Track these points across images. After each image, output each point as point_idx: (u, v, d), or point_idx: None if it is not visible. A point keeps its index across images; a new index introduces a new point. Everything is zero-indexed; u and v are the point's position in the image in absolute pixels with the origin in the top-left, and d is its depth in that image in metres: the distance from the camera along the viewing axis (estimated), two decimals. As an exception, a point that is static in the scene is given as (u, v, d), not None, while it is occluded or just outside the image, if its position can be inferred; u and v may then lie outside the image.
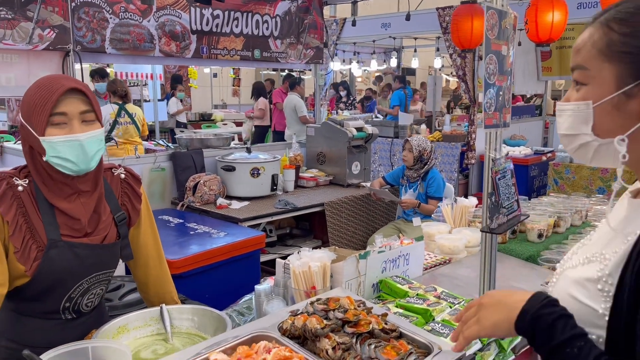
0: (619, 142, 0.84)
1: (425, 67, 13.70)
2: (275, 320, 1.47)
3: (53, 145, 1.37)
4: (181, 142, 4.45)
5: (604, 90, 0.85)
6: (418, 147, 4.07)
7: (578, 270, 0.90)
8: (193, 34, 4.02)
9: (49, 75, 1.46)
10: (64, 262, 1.44)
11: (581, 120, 0.88)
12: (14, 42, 3.11)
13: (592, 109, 0.86)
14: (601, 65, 0.85)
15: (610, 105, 0.85)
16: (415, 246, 2.09)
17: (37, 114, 1.37)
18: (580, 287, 0.87)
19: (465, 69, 6.69)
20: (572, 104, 0.89)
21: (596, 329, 0.84)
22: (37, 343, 1.49)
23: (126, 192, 1.61)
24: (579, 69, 0.89)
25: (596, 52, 0.86)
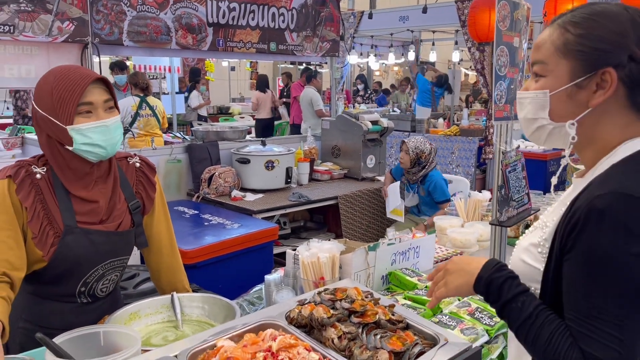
0: (570, 126, 1.00)
1: (444, 61, 13.57)
2: (283, 309, 1.49)
3: (83, 133, 1.42)
4: (197, 134, 4.49)
5: (559, 81, 1.00)
6: (415, 150, 3.88)
7: (526, 237, 1.10)
8: (209, 26, 4.05)
9: (66, 66, 1.49)
10: (80, 248, 1.48)
11: (539, 106, 1.03)
12: (34, 34, 3.16)
13: (548, 97, 1.01)
14: (558, 60, 1.00)
15: (564, 95, 1.00)
16: (426, 239, 2.09)
17: (64, 105, 1.41)
18: (528, 252, 1.06)
19: (484, 63, 6.62)
20: (532, 92, 1.04)
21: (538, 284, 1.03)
22: (54, 325, 1.53)
23: (141, 181, 1.65)
24: (539, 63, 1.04)
25: (554, 50, 1.01)
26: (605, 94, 0.97)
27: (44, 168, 1.49)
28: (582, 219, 0.90)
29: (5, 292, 1.34)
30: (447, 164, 7.16)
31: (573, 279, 0.93)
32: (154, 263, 1.75)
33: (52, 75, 1.45)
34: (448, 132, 7.35)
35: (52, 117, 1.42)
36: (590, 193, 0.92)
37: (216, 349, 1.27)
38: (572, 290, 0.94)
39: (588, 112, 0.99)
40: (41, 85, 1.46)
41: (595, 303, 0.90)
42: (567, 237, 0.93)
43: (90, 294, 1.59)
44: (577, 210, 0.92)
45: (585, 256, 0.91)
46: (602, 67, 0.96)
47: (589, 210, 0.90)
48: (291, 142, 4.78)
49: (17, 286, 1.41)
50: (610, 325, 0.89)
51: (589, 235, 0.90)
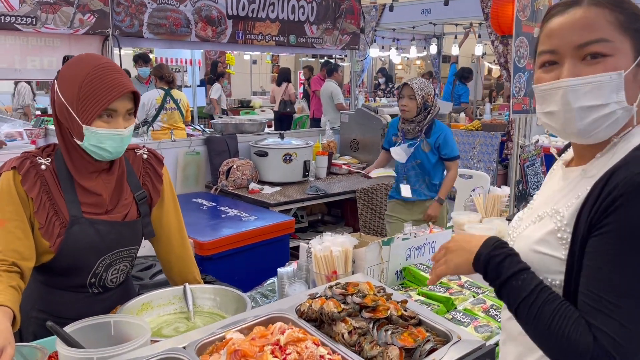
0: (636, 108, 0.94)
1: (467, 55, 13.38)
2: (294, 303, 1.47)
3: (97, 136, 1.42)
4: (216, 126, 4.50)
5: (628, 60, 0.94)
6: (421, 92, 3.21)
7: (532, 229, 1.04)
8: (229, 19, 4.04)
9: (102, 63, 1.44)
10: (86, 238, 1.49)
11: (611, 89, 0.93)
12: (56, 27, 3.20)
13: (623, 77, 0.93)
14: (621, 38, 0.94)
15: (631, 75, 0.94)
16: (442, 234, 2.05)
17: (89, 106, 1.39)
18: (542, 241, 0.99)
19: (507, 56, 6.49)
20: (603, 74, 0.93)
21: (559, 275, 0.96)
22: (66, 314, 1.54)
23: (147, 172, 1.65)
24: (600, 42, 0.94)
25: (614, 27, 0.94)
26: None
27: (49, 159, 1.50)
28: (621, 195, 0.86)
29: (15, 282, 1.35)
30: (468, 159, 7.06)
31: (602, 252, 0.88)
32: (164, 254, 1.76)
33: (87, 68, 1.41)
34: (470, 126, 7.24)
35: (73, 111, 1.41)
36: (626, 172, 0.87)
37: (225, 341, 1.26)
38: (597, 266, 0.88)
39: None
40: (71, 74, 1.43)
41: (622, 279, 0.85)
42: (600, 216, 0.88)
43: (101, 285, 1.60)
44: (613, 189, 0.87)
45: (623, 231, 0.85)
46: None
47: (631, 186, 0.85)
48: (310, 136, 4.77)
49: (27, 276, 1.43)
50: (630, 304, 0.84)
51: (630, 210, 0.85)
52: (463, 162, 7.09)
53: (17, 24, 3.06)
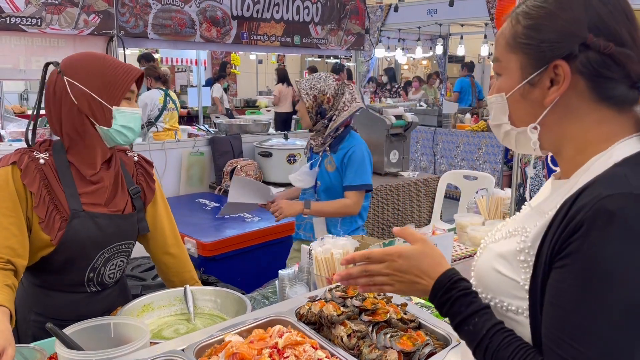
0: (531, 130, 0.89)
1: (473, 55, 13.35)
2: (294, 305, 1.47)
3: (125, 115, 1.53)
4: (220, 127, 4.51)
5: (513, 80, 0.90)
6: (311, 92, 2.42)
7: (500, 244, 0.95)
8: (234, 19, 4.05)
9: (106, 55, 1.59)
10: (87, 231, 1.51)
11: (501, 111, 0.94)
12: (61, 27, 3.21)
13: (505, 100, 0.92)
14: (509, 56, 0.91)
15: (518, 95, 0.90)
16: (444, 237, 2.04)
17: (117, 88, 1.51)
18: (503, 260, 0.91)
19: (513, 57, 6.47)
20: (493, 96, 0.95)
21: (516, 300, 0.88)
22: (65, 316, 1.55)
23: (140, 172, 1.72)
24: (495, 61, 0.95)
25: (505, 44, 0.91)
26: (559, 90, 0.86)
27: (47, 153, 1.53)
28: (587, 221, 0.76)
29: (10, 280, 1.37)
30: (474, 160, 7.05)
31: (562, 289, 0.78)
32: (160, 255, 1.79)
33: (100, 59, 1.54)
34: (475, 127, 7.22)
35: (99, 97, 1.49)
36: (594, 193, 0.78)
37: (223, 343, 1.26)
38: (557, 302, 0.79)
39: (548, 112, 0.88)
40: (86, 66, 1.51)
41: (583, 321, 0.75)
42: (563, 242, 0.79)
43: (99, 282, 1.62)
44: (578, 211, 0.78)
45: (586, 263, 0.76)
46: (552, 60, 0.85)
47: (597, 211, 0.75)
48: (314, 136, 4.76)
49: (21, 273, 1.45)
50: (595, 350, 0.74)
51: (594, 240, 0.75)
52: (469, 163, 7.07)
53: (22, 24, 3.08)
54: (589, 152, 0.87)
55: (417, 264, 0.98)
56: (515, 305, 0.88)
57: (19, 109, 8.55)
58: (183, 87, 10.29)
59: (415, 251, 0.99)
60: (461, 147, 7.17)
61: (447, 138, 7.35)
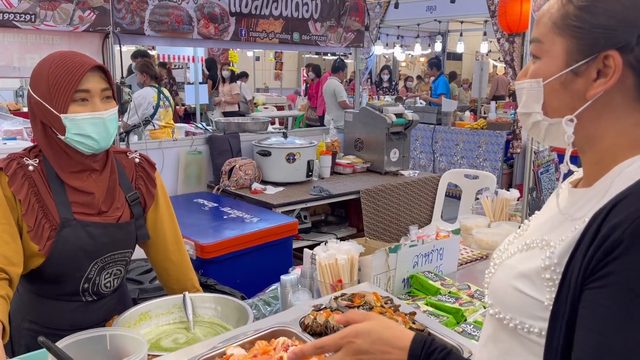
0: (567, 123, 0.81)
1: (471, 52, 13.28)
2: (297, 315, 1.42)
3: (76, 123, 1.37)
4: (218, 125, 4.44)
5: (554, 66, 0.82)
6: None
7: (517, 258, 0.87)
8: (232, 16, 3.98)
9: (64, 52, 1.44)
10: (78, 240, 1.44)
11: (533, 98, 0.85)
12: (55, 24, 3.14)
13: (542, 87, 0.83)
14: (554, 38, 0.82)
15: (558, 83, 0.82)
16: (450, 240, 1.99)
17: (61, 91, 1.36)
18: (524, 278, 0.83)
19: (513, 54, 6.42)
20: (526, 81, 0.86)
21: (540, 321, 0.80)
22: (59, 325, 1.49)
23: (141, 176, 1.62)
24: (535, 41, 0.85)
25: (551, 25, 0.82)
26: (606, 84, 0.77)
27: (37, 160, 1.45)
28: (626, 240, 0.68)
29: (4, 291, 1.30)
30: (473, 158, 7.00)
31: (600, 313, 0.70)
32: (160, 261, 1.71)
33: (50, 60, 1.40)
34: (475, 125, 7.17)
35: (47, 104, 1.38)
36: (631, 208, 0.70)
37: (225, 357, 1.20)
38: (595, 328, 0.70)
39: (587, 106, 0.79)
40: (37, 70, 1.41)
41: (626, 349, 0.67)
42: (598, 262, 0.70)
43: (95, 291, 1.55)
44: (614, 228, 0.69)
45: (627, 285, 0.67)
46: (605, 49, 0.76)
47: (637, 229, 0.67)
48: (313, 135, 4.70)
49: (16, 282, 1.37)
50: None
51: (634, 259, 0.67)
52: (469, 161, 7.02)
53: (15, 21, 3.00)
54: (619, 157, 0.80)
55: (379, 338, 0.87)
56: (539, 328, 0.81)
57: (14, 106, 8.45)
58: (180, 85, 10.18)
59: (373, 325, 0.89)
60: (461, 145, 7.12)
61: (447, 136, 7.30)
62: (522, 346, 0.83)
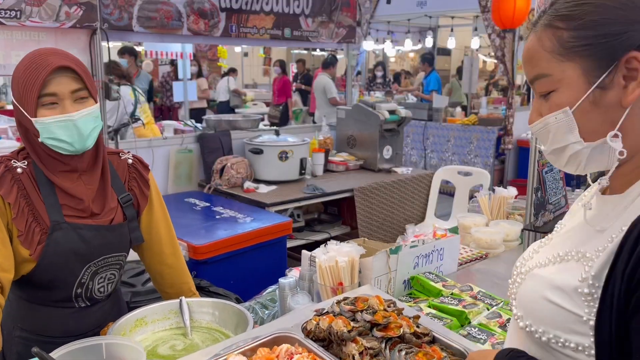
0: (612, 139, 0.77)
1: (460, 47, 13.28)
2: (299, 320, 1.38)
3: (46, 127, 1.33)
4: (209, 123, 4.38)
5: (575, 91, 0.79)
6: None
7: (550, 270, 0.84)
8: (222, 11, 3.91)
9: (38, 50, 1.38)
10: (69, 243, 1.39)
11: (564, 130, 0.81)
12: (41, 20, 3.06)
13: (571, 115, 0.80)
14: (562, 66, 0.80)
15: (588, 104, 0.79)
16: (450, 240, 1.96)
17: (27, 95, 1.31)
18: (559, 291, 0.80)
19: (505, 50, 6.41)
20: (550, 116, 0.82)
21: (576, 335, 0.78)
22: (52, 332, 1.45)
23: (134, 177, 1.57)
24: (540, 78, 0.83)
25: (550, 57, 0.81)
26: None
27: (25, 162, 1.39)
28: None
29: None
30: (465, 154, 7.00)
31: None
32: (155, 264, 1.65)
33: (22, 61, 1.35)
34: (466, 121, 7.17)
35: (21, 107, 1.34)
36: None
37: (226, 366, 1.16)
38: None
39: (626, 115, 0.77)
40: (14, 72, 1.36)
41: None
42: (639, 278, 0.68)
43: (88, 297, 1.49)
44: None
45: None
46: (623, 54, 0.75)
47: None
48: (305, 132, 4.66)
49: (7, 289, 1.32)
50: None
51: None
52: (460, 158, 7.02)
53: (0, 17, 2.92)
54: None
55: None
56: (575, 342, 0.78)
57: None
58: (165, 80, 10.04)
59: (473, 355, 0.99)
60: (452, 142, 7.12)
61: (438, 132, 7.29)
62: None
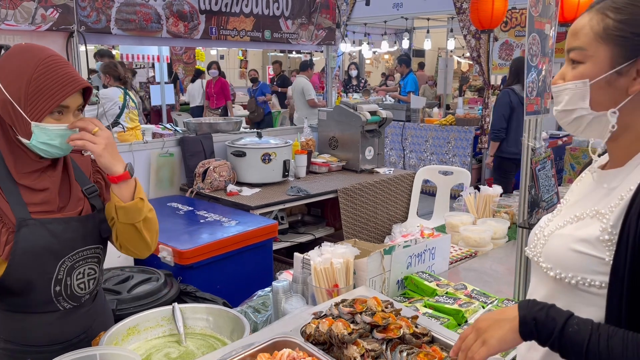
0: (611, 115, 0.98)
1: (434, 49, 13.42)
2: (298, 324, 1.36)
3: (46, 132, 1.33)
4: (190, 126, 4.32)
5: (599, 68, 0.98)
6: None
7: (570, 228, 1.03)
8: (202, 14, 3.87)
9: (51, 56, 1.34)
10: (39, 240, 1.35)
11: (579, 96, 1.00)
12: (16, 23, 2.98)
13: (589, 86, 0.98)
14: (598, 46, 0.98)
15: (603, 82, 0.98)
16: (441, 239, 1.97)
17: (41, 102, 1.31)
18: (583, 242, 0.98)
19: (480, 51, 6.49)
20: (571, 83, 1.01)
21: (600, 275, 0.96)
22: (36, 341, 1.41)
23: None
24: (577, 49, 1.01)
25: (594, 35, 0.98)
26: None
27: None
28: None
29: None
30: (443, 154, 7.06)
31: None
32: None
33: (34, 61, 1.31)
34: (444, 121, 7.24)
35: (19, 106, 1.30)
36: None
37: (228, 373, 1.14)
38: None
39: (628, 100, 0.97)
40: (16, 67, 1.31)
41: None
42: None
43: (69, 295, 1.44)
44: None
45: None
46: None
47: None
48: (287, 134, 4.63)
49: None
50: None
51: None
52: (438, 157, 7.08)
53: (-27, 20, 2.84)
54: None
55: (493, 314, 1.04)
56: (599, 281, 0.96)
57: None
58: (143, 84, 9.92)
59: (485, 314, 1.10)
60: (430, 142, 7.17)
61: (416, 132, 7.34)
62: (582, 300, 0.99)
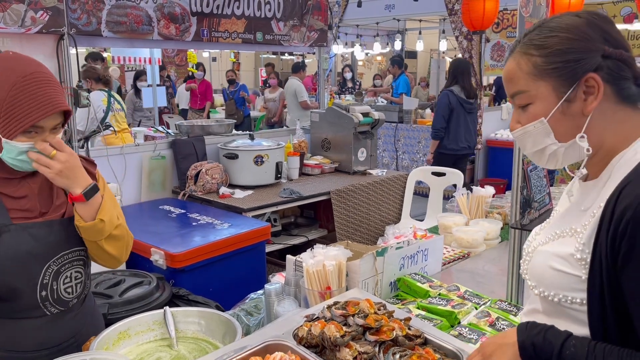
0: (580, 139, 1.00)
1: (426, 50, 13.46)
2: (290, 327, 1.35)
3: (13, 150, 1.32)
4: (181, 128, 4.31)
5: (548, 102, 1.00)
6: None
7: (550, 245, 1.05)
8: (193, 15, 3.86)
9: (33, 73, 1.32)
10: (22, 245, 1.34)
11: (543, 134, 1.02)
12: (6, 25, 2.95)
13: (547, 123, 1.01)
14: (537, 84, 1.00)
15: (558, 114, 1.00)
16: (434, 240, 1.97)
17: (13, 121, 1.29)
18: (561, 259, 1.01)
19: (472, 52, 6.51)
20: (529, 125, 1.03)
21: (580, 292, 0.98)
22: (24, 346, 1.39)
23: None
24: (519, 94, 1.03)
25: (528, 76, 1.01)
26: (597, 98, 0.97)
27: None
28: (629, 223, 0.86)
29: None
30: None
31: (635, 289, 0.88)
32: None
33: (14, 77, 1.29)
34: (436, 122, 7.24)
35: None
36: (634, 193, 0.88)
37: (220, 377, 1.13)
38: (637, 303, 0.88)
39: (588, 120, 0.99)
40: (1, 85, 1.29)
41: None
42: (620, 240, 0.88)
43: (56, 299, 1.42)
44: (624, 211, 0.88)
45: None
46: (583, 75, 0.97)
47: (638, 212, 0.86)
48: (280, 136, 4.63)
49: None
50: None
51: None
52: (431, 158, 7.08)
53: (-39, 22, 2.81)
54: (616, 150, 1.00)
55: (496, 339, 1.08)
56: (580, 298, 0.97)
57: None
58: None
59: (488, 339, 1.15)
60: (423, 143, 7.18)
61: (409, 134, 7.35)
62: (568, 316, 1.00)
